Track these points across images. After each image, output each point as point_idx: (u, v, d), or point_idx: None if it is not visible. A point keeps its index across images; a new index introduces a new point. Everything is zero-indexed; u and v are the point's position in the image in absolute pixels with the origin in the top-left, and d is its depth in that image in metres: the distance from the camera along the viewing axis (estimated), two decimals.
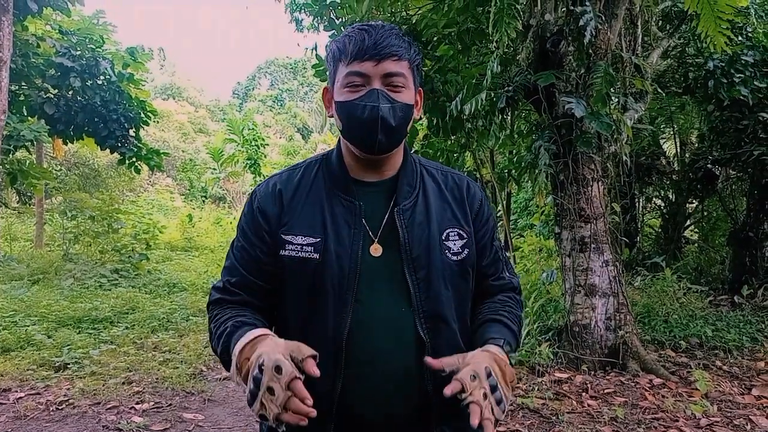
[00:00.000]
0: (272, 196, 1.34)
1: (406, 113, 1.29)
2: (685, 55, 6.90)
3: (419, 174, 1.40)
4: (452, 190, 1.42)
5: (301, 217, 1.30)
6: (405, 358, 1.27)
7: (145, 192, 24.99)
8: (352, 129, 1.29)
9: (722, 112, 7.13)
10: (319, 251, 1.26)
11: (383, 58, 1.25)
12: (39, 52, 9.69)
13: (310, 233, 1.28)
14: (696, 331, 5.49)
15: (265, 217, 1.32)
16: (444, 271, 1.31)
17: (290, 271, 1.28)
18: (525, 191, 11.33)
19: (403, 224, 1.30)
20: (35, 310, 6.70)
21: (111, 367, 5.11)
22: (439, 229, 1.33)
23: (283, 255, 1.28)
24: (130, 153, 11.12)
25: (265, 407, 1.04)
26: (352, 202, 1.31)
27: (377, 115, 1.23)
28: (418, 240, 1.30)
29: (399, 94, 1.27)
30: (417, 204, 1.34)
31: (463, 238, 1.36)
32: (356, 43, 1.26)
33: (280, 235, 1.29)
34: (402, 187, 1.34)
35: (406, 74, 1.28)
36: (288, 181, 1.37)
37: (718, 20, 4.29)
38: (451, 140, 6.56)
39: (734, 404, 4.10)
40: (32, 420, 4.03)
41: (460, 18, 5.25)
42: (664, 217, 9.13)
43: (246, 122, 24.72)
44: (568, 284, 5.03)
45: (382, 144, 1.27)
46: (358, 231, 1.29)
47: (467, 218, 1.39)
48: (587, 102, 4.56)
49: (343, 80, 1.28)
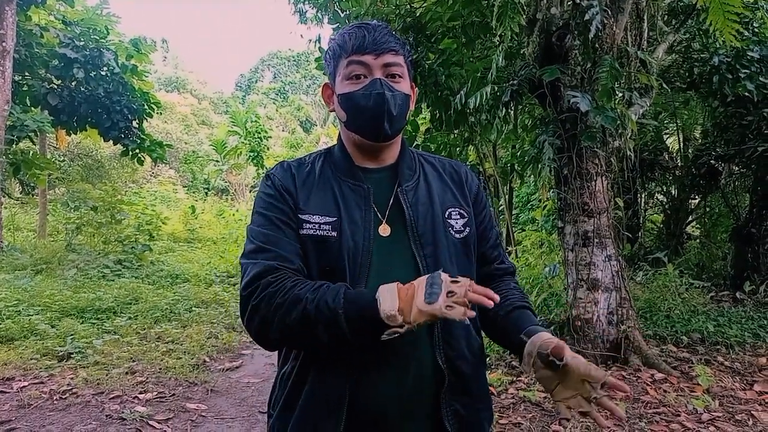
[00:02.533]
0: (290, 176, 1.39)
1: (405, 102, 1.37)
2: (691, 50, 6.86)
3: (417, 161, 1.48)
4: (451, 174, 1.49)
5: (316, 198, 1.34)
6: (417, 335, 1.26)
7: (148, 183, 25.02)
8: (357, 118, 1.35)
9: (726, 108, 7.11)
10: (336, 230, 1.30)
11: (383, 52, 1.33)
12: (42, 42, 9.69)
13: (326, 213, 1.32)
14: (698, 327, 5.49)
15: (290, 193, 1.35)
16: (449, 247, 1.36)
17: (307, 251, 1.30)
18: (527, 186, 11.32)
19: (407, 203, 1.37)
20: (38, 299, 6.73)
21: (114, 357, 5.13)
22: (441, 208, 1.40)
23: (302, 234, 1.31)
24: (134, 144, 11.14)
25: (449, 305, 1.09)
26: (361, 186, 1.37)
27: (383, 101, 1.31)
28: (423, 217, 1.36)
29: (398, 84, 1.35)
30: (419, 186, 1.42)
31: (464, 217, 1.42)
32: (357, 39, 1.33)
33: (298, 215, 1.32)
34: (403, 171, 1.42)
35: (403, 65, 1.37)
36: (299, 168, 1.41)
37: (726, 13, 4.26)
38: (454, 134, 6.56)
39: (736, 399, 4.11)
40: (35, 409, 4.06)
41: (464, 11, 5.24)
42: (666, 213, 9.12)
43: (249, 115, 24.72)
44: (570, 278, 5.04)
45: (387, 130, 1.34)
46: (369, 212, 1.34)
47: (467, 200, 1.46)
48: (592, 96, 4.55)
49: (345, 71, 1.34)
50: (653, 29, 5.59)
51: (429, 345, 1.29)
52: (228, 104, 41.05)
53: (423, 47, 5.66)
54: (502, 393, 4.25)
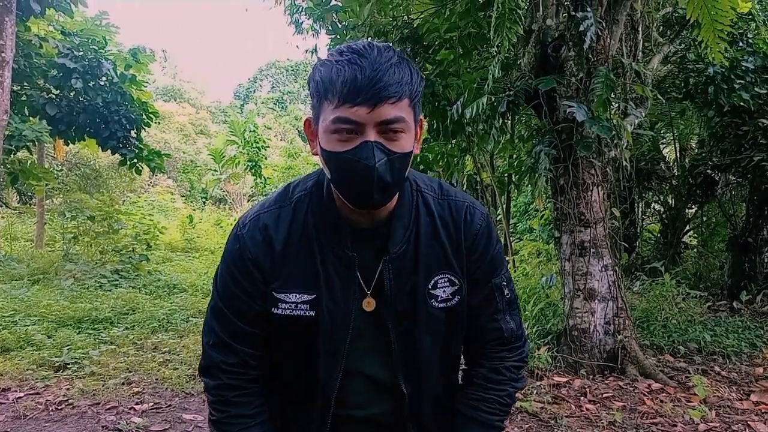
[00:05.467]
0: (264, 245, 1.19)
1: (405, 162, 1.11)
2: (686, 60, 6.91)
3: (414, 206, 1.23)
4: (447, 224, 1.24)
5: (294, 271, 1.19)
6: (392, 413, 1.29)
7: (145, 193, 24.99)
8: (342, 183, 1.11)
9: (722, 118, 7.15)
10: (314, 308, 1.18)
11: (379, 102, 1.02)
12: (41, 52, 9.71)
13: (304, 290, 1.18)
14: (695, 337, 5.49)
15: (259, 268, 1.19)
16: (428, 321, 1.22)
17: (280, 329, 1.22)
18: (525, 195, 11.34)
19: (390, 275, 1.20)
20: (35, 310, 6.71)
21: (111, 368, 5.12)
22: (426, 277, 1.21)
23: (275, 313, 1.20)
24: (132, 154, 11.13)
25: None
26: (346, 254, 1.19)
27: (372, 174, 1.04)
28: (404, 291, 1.21)
29: (397, 142, 1.07)
30: (407, 250, 1.20)
31: (454, 285, 1.23)
32: (346, 81, 1.02)
33: (272, 292, 1.19)
34: (395, 232, 1.19)
35: (406, 117, 1.07)
36: (277, 226, 1.20)
37: (717, 30, 4.30)
38: (451, 144, 6.58)
39: (732, 410, 4.11)
40: (31, 420, 4.04)
41: (461, 22, 5.28)
42: (663, 222, 9.14)
43: (248, 124, 24.77)
44: (567, 288, 5.04)
45: (377, 200, 1.10)
46: (350, 285, 1.19)
47: (461, 258, 1.24)
48: (588, 107, 4.58)
49: (330, 126, 1.06)
50: (648, 40, 5.63)
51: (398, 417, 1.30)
52: (227, 114, 41.14)
53: (420, 58, 5.71)
54: None
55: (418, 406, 1.28)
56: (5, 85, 6.13)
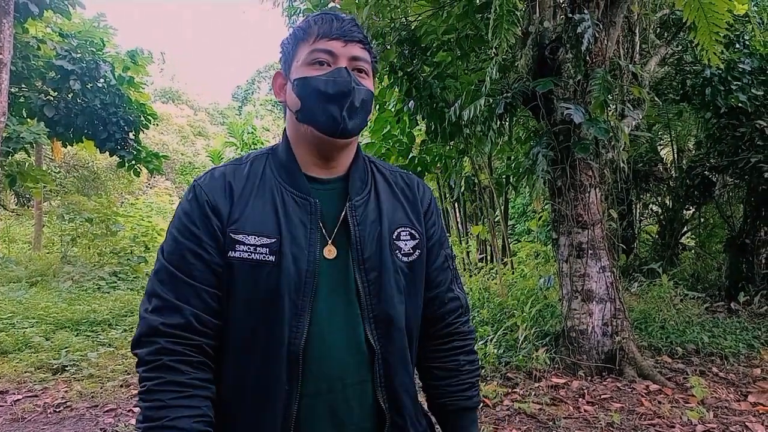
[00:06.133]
0: (221, 188, 1.18)
1: (370, 98, 1.22)
2: (683, 62, 6.94)
3: (370, 171, 1.31)
4: (402, 189, 1.32)
5: (253, 214, 1.16)
6: (358, 368, 1.18)
7: (143, 195, 24.98)
8: (314, 106, 1.16)
9: (719, 120, 7.17)
10: (275, 253, 1.13)
11: (351, 41, 1.19)
12: (39, 54, 9.72)
13: (264, 232, 1.14)
14: (692, 338, 5.50)
15: (216, 211, 1.16)
16: (395, 273, 1.22)
17: (239, 276, 1.14)
18: (522, 197, 11.37)
19: (355, 221, 1.20)
20: (33, 312, 6.71)
21: (109, 370, 5.12)
22: (390, 228, 1.24)
23: (232, 257, 1.13)
24: (130, 156, 11.13)
25: None
26: (307, 200, 1.19)
27: (348, 89, 1.15)
28: (370, 238, 1.21)
29: (363, 80, 1.21)
30: (369, 201, 1.25)
31: (414, 239, 1.27)
32: (323, 24, 1.19)
33: (230, 234, 1.14)
34: (354, 183, 1.24)
35: (369, 62, 1.23)
36: (236, 173, 1.21)
37: (713, 34, 4.32)
38: (449, 146, 6.60)
39: (730, 411, 4.11)
40: (29, 422, 4.04)
41: (459, 24, 5.29)
42: (661, 224, 9.16)
43: (246, 126, 24.77)
44: (565, 290, 5.05)
45: (346, 123, 1.16)
46: (314, 231, 1.17)
47: (419, 218, 1.31)
48: (585, 108, 4.59)
49: (307, 57, 1.18)
50: (645, 42, 5.65)
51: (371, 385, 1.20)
52: (225, 115, 41.16)
53: (418, 60, 5.71)
54: (497, 405, 4.25)
55: (389, 367, 1.20)
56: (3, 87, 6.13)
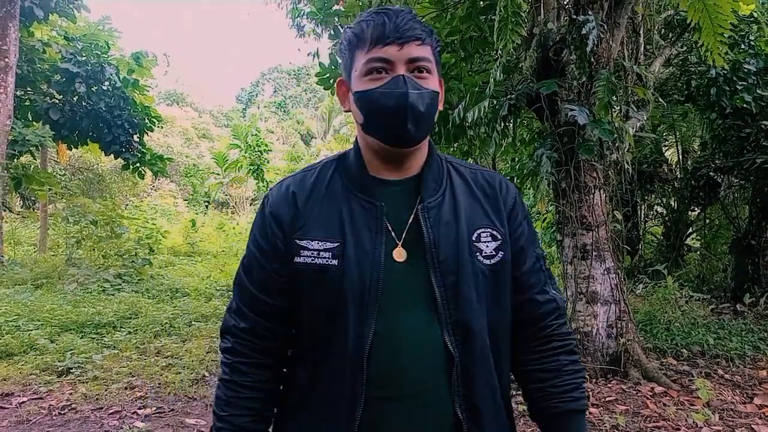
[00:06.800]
0: (285, 198, 1.21)
1: (434, 100, 1.16)
2: (688, 63, 6.92)
3: (446, 170, 1.25)
4: (482, 187, 1.25)
5: (317, 220, 1.17)
6: (434, 375, 1.13)
7: (148, 197, 25.05)
8: (376, 120, 1.15)
9: (724, 120, 7.15)
10: (338, 257, 1.13)
11: (407, 42, 1.12)
12: (45, 57, 9.78)
13: (328, 237, 1.15)
14: (698, 340, 5.48)
15: (279, 221, 1.19)
16: (475, 276, 1.16)
17: (306, 282, 1.16)
18: (527, 198, 11.34)
19: (428, 223, 1.16)
20: (38, 314, 6.72)
21: (113, 372, 5.12)
22: (468, 229, 1.18)
23: (297, 263, 1.15)
24: (134, 158, 11.18)
25: None
26: (373, 203, 1.17)
27: (405, 102, 1.10)
28: (445, 241, 1.15)
29: (425, 80, 1.14)
30: (444, 202, 1.19)
31: (496, 240, 1.20)
32: (376, 28, 1.13)
33: (295, 240, 1.17)
34: (427, 184, 1.20)
35: (430, 59, 1.16)
36: (302, 182, 1.23)
37: (717, 35, 4.30)
38: (453, 147, 6.59)
39: (736, 413, 4.10)
40: (35, 425, 4.05)
41: (463, 26, 5.28)
42: (666, 225, 9.14)
43: (250, 128, 24.84)
44: (569, 292, 5.04)
45: (411, 134, 1.13)
46: (380, 234, 1.15)
47: (501, 217, 1.23)
48: (590, 110, 4.58)
49: (363, 68, 1.14)
50: (649, 43, 5.64)
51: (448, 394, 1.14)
52: (229, 117, 41.26)
53: None
54: None
55: (469, 375, 1.14)
56: (9, 90, 6.18)
